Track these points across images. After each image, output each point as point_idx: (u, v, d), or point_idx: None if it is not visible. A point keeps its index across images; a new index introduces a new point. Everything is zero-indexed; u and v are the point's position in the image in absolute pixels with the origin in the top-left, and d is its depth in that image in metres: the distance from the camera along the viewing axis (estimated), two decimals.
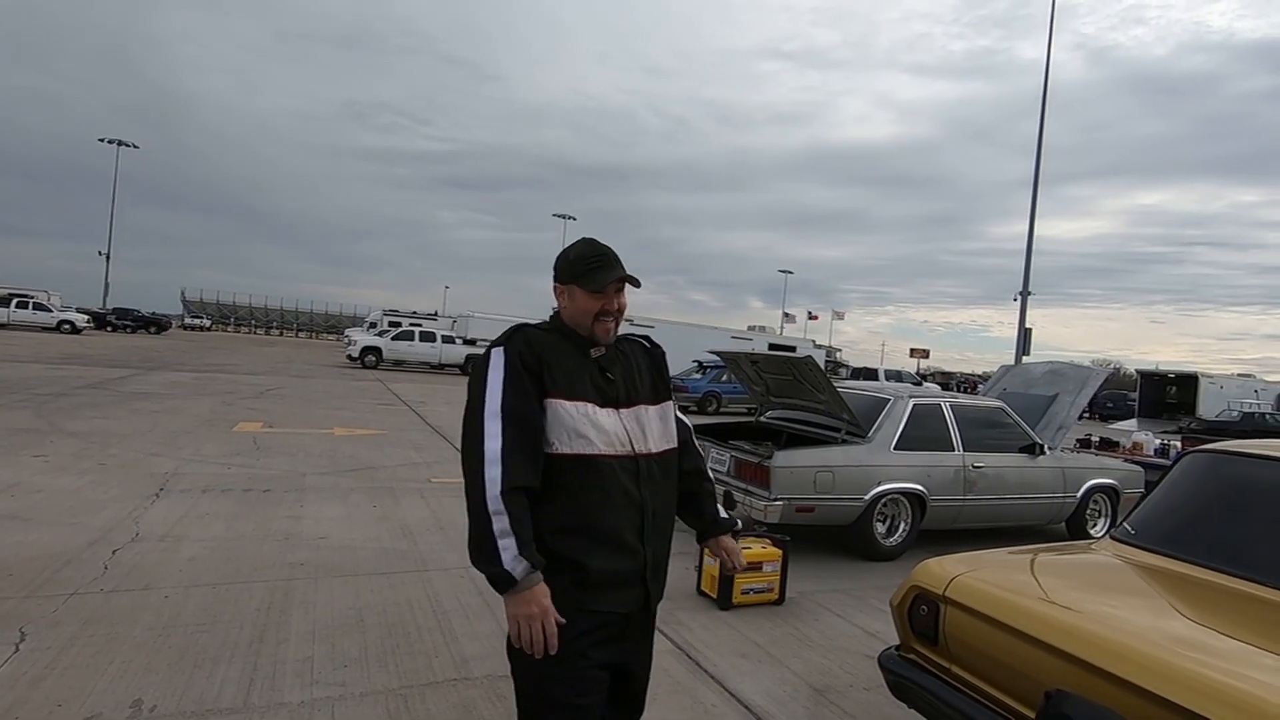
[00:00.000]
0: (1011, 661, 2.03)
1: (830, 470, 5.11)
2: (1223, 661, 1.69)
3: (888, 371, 27.46)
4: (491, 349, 1.63)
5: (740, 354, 6.31)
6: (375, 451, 8.35)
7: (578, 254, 1.70)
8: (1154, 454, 8.34)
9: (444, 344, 25.80)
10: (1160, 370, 29.93)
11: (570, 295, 1.69)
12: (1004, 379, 7.72)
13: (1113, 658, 1.75)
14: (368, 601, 3.73)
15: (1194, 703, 1.55)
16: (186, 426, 8.98)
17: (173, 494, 5.62)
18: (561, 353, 1.65)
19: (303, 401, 12.98)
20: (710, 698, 3.01)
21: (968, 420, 5.87)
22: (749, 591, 4.11)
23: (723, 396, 18.43)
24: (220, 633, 3.22)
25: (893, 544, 5.43)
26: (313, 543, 4.67)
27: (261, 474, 6.61)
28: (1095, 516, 6.46)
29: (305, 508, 5.53)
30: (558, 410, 1.59)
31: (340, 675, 2.92)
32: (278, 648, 3.12)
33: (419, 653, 3.19)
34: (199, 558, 4.19)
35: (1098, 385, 6.92)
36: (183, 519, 4.96)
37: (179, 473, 6.37)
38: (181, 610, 3.43)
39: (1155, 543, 2.50)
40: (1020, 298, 24.83)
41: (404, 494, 6.30)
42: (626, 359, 1.77)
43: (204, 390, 13.40)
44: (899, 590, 2.45)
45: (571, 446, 1.59)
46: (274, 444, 8.26)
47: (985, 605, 2.13)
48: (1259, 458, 2.57)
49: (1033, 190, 23.86)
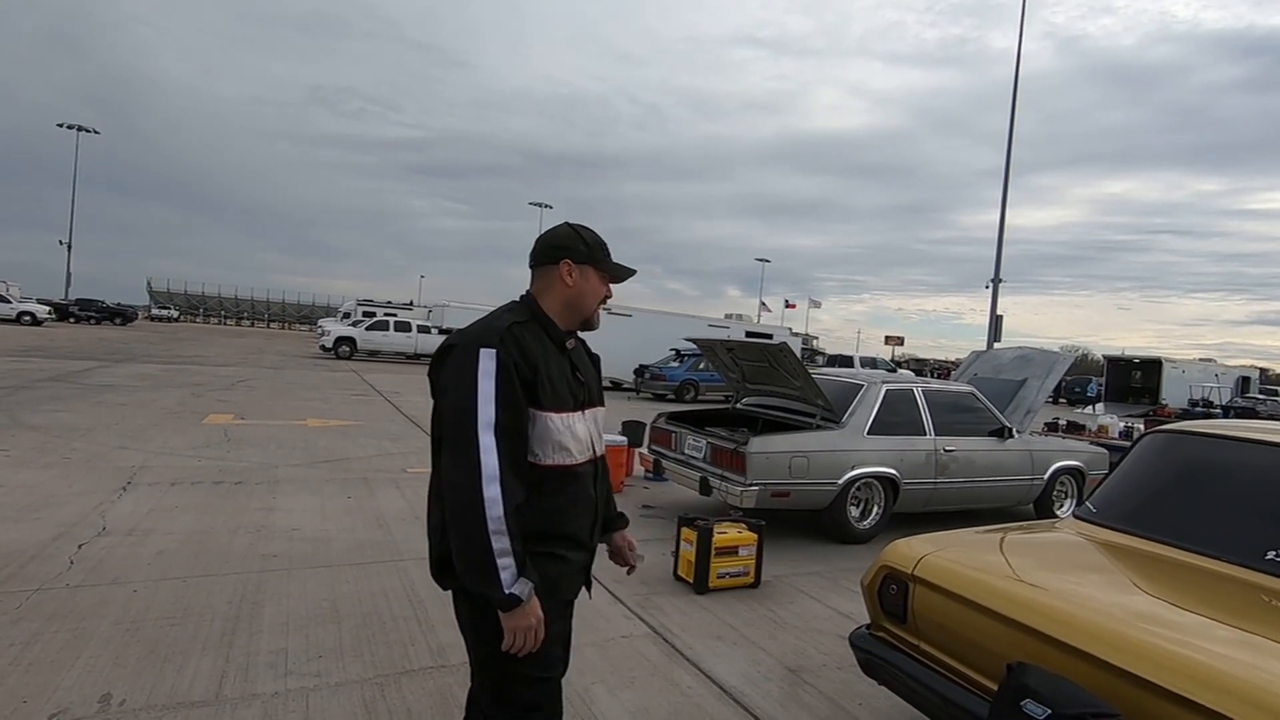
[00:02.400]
0: (976, 637, 2.08)
1: (805, 455, 5.17)
2: (1176, 633, 1.75)
3: (863, 359, 27.78)
4: (480, 348, 1.50)
5: (716, 341, 6.34)
6: (349, 442, 8.26)
7: (594, 239, 1.69)
8: (1118, 436, 8.57)
9: (420, 334, 25.53)
10: (1126, 356, 30.70)
11: (584, 276, 1.66)
12: (974, 364, 7.86)
13: (1070, 630, 1.81)
14: (342, 592, 3.71)
15: (1148, 671, 1.61)
16: (154, 419, 8.80)
17: (140, 487, 5.52)
18: (546, 355, 1.61)
19: (275, 393, 12.78)
20: (686, 680, 3.05)
21: (939, 405, 5.97)
22: (725, 575, 4.16)
23: (700, 385, 18.50)
24: (191, 626, 3.18)
25: (866, 527, 5.52)
26: (286, 534, 4.61)
27: (233, 466, 6.51)
28: (1062, 498, 6.62)
29: (278, 500, 5.47)
30: (546, 423, 1.56)
31: (315, 666, 2.91)
32: (250, 640, 3.09)
33: (395, 642, 3.18)
34: (168, 551, 4.13)
35: (1064, 370, 7.07)
36: (151, 512, 4.87)
37: (147, 466, 6.25)
38: (150, 604, 3.38)
39: (1116, 521, 2.58)
40: (992, 285, 25.24)
41: (379, 484, 6.25)
42: (583, 356, 1.79)
43: (172, 382, 13.13)
44: (869, 570, 2.50)
45: (554, 459, 1.59)
46: (245, 436, 8.13)
47: (951, 583, 2.18)
48: (1214, 437, 2.65)
49: (1004, 179, 24.21)
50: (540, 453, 1.57)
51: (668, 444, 6.08)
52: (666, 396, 17.94)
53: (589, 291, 1.67)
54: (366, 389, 14.81)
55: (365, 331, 25.10)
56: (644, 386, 18.33)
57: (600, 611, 3.64)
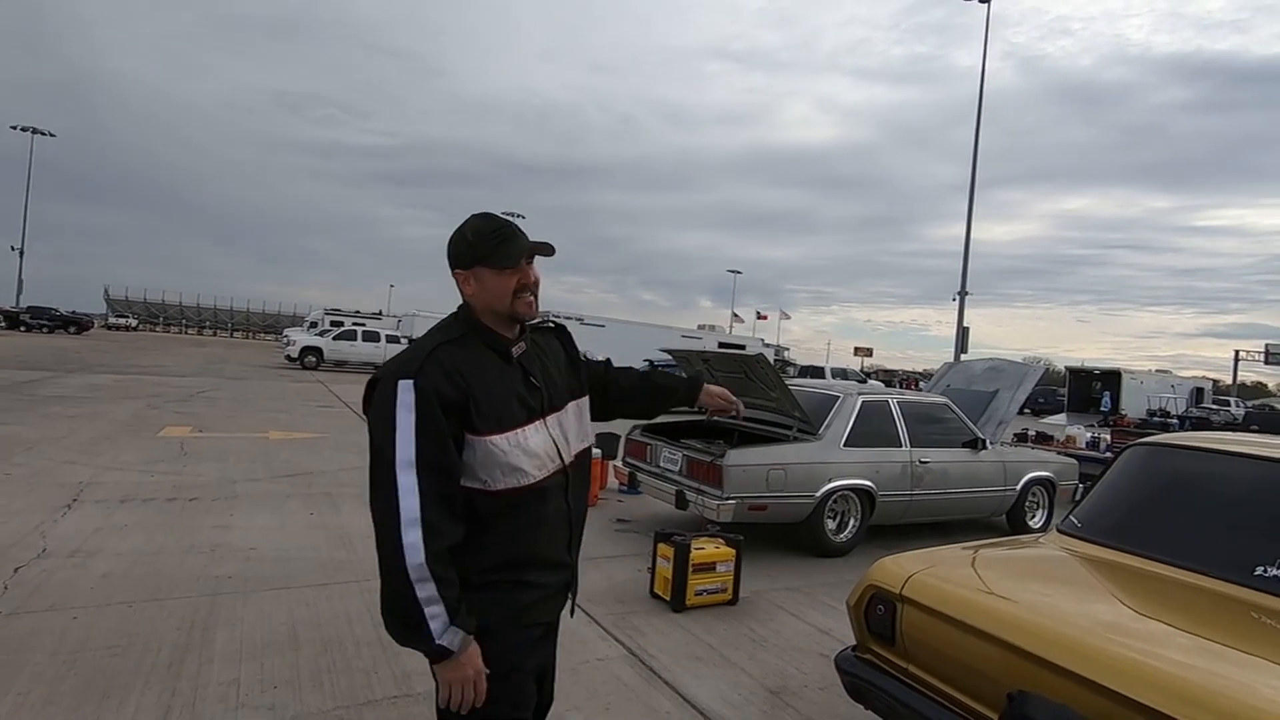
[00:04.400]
0: (970, 660, 2.00)
1: (782, 468, 5.10)
2: (1181, 656, 1.69)
3: (834, 369, 28.00)
4: (398, 380, 1.36)
5: (692, 352, 6.26)
6: (314, 456, 7.99)
7: (475, 231, 1.48)
8: (1086, 447, 8.69)
9: (389, 344, 25.04)
10: (1087, 367, 31.45)
11: (478, 279, 1.48)
12: (947, 376, 7.90)
13: (1070, 655, 1.74)
14: (302, 616, 3.51)
15: (1153, 699, 1.54)
16: (106, 432, 8.42)
17: (87, 505, 5.23)
18: (484, 372, 1.46)
19: (236, 404, 12.38)
20: (665, 705, 2.93)
21: (914, 416, 5.96)
22: (703, 592, 4.05)
23: None
24: (135, 656, 2.96)
25: (843, 540, 5.46)
26: (242, 554, 4.39)
27: (188, 481, 6.22)
28: (1034, 508, 6.66)
29: (235, 517, 5.22)
30: (489, 448, 1.41)
31: (269, 697, 2.72)
32: (200, 670, 2.89)
33: (357, 669, 3.00)
34: (113, 574, 3.88)
35: (1035, 381, 7.14)
36: (97, 532, 4.60)
37: (95, 482, 5.93)
38: (91, 632, 3.15)
39: (1102, 535, 2.53)
40: (959, 298, 25.73)
41: (344, 500, 6.02)
42: (543, 352, 1.64)
43: (127, 393, 12.63)
44: (855, 590, 2.41)
45: (505, 482, 1.44)
46: (203, 449, 7.81)
47: (942, 603, 2.10)
48: (1197, 450, 2.63)
49: (969, 194, 24.74)
50: (488, 479, 1.43)
51: (643, 456, 5.97)
52: None
53: (491, 292, 1.48)
54: (333, 400, 14.43)
55: (332, 341, 24.56)
56: None
57: (575, 633, 3.50)
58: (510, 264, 1.47)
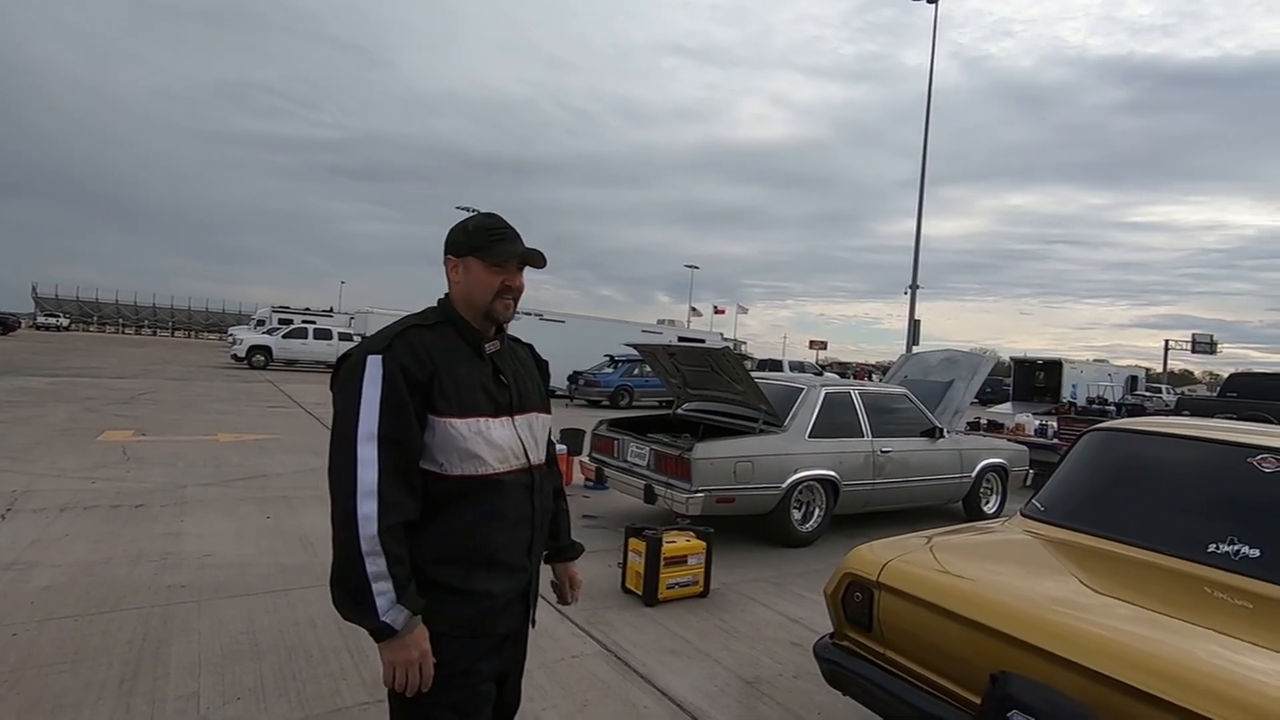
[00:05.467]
0: (947, 644, 2.05)
1: (749, 460, 5.14)
2: (1146, 631, 1.76)
3: (791, 363, 28.43)
4: (367, 355, 1.39)
5: (658, 346, 6.25)
6: (267, 458, 7.72)
7: (478, 225, 1.52)
8: (1034, 434, 9.01)
9: (341, 341, 24.41)
10: (1030, 357, 32.68)
11: (466, 269, 1.50)
12: (904, 367, 8.09)
13: (1049, 636, 1.79)
14: (263, 624, 3.38)
15: (1131, 675, 1.59)
16: (40, 437, 7.98)
17: (23, 515, 4.94)
18: (453, 358, 1.47)
19: (181, 406, 11.88)
20: (642, 699, 2.92)
21: (875, 407, 6.08)
22: (674, 586, 4.05)
23: (635, 390, 18.44)
24: (84, 672, 2.81)
25: (808, 530, 5.54)
26: (196, 561, 4.20)
27: (133, 488, 5.94)
28: (989, 494, 6.87)
29: (186, 523, 5.00)
30: (447, 430, 1.41)
31: (232, 710, 2.61)
32: (155, 684, 2.75)
33: (324, 676, 2.91)
34: (56, 586, 3.67)
35: (988, 371, 7.37)
36: (35, 543, 4.35)
37: (31, 490, 5.61)
38: (34, 649, 2.97)
39: (1065, 519, 2.62)
40: (910, 291, 26.36)
41: (301, 503, 5.84)
42: (518, 360, 1.64)
43: (61, 397, 11.99)
44: (832, 578, 2.44)
45: (462, 468, 1.43)
46: (147, 454, 7.46)
47: (919, 589, 2.14)
48: (1150, 434, 2.74)
49: (919, 190, 25.34)
50: (444, 462, 1.42)
51: (610, 451, 5.94)
52: (601, 403, 17.79)
53: (475, 284, 1.50)
54: (285, 400, 13.98)
55: (282, 339, 23.78)
56: (578, 393, 18.13)
57: (548, 631, 3.46)
58: (499, 261, 1.50)
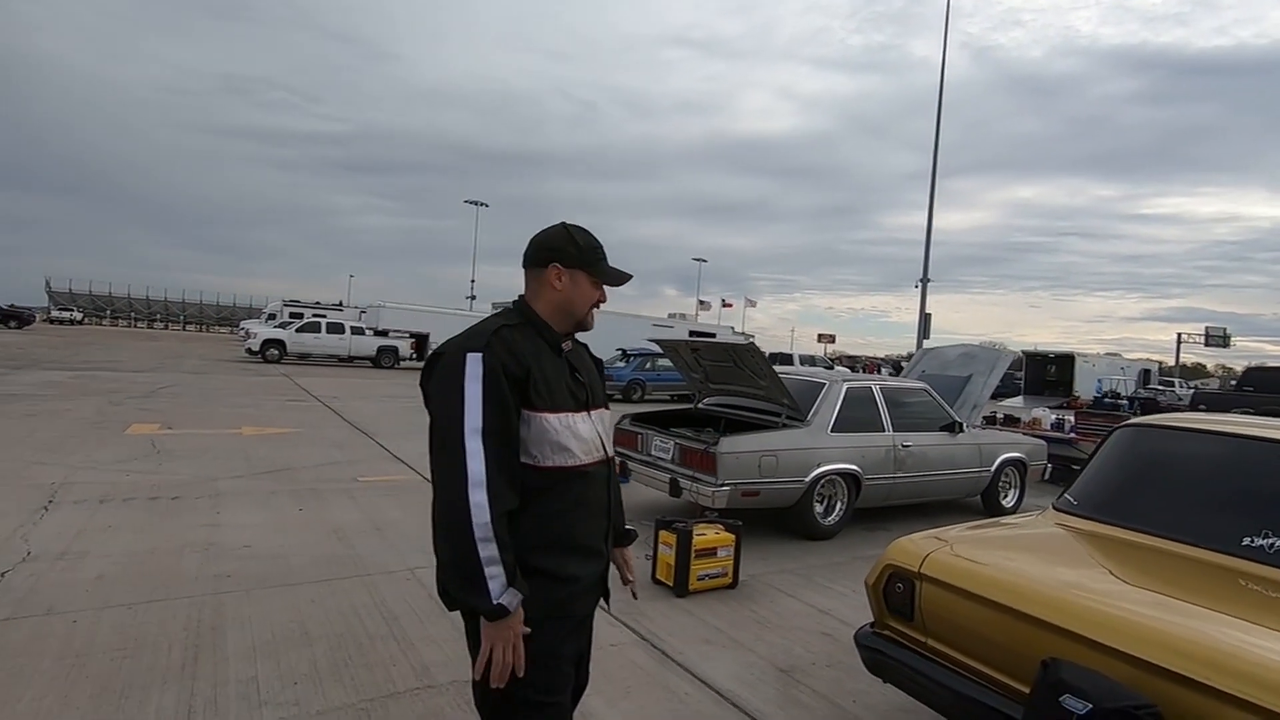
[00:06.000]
0: (989, 632, 2.12)
1: (774, 454, 5.22)
2: (1193, 621, 1.83)
3: (802, 357, 28.44)
4: (466, 353, 1.48)
5: (679, 342, 6.33)
6: (291, 451, 7.85)
7: (586, 242, 1.63)
8: (1051, 428, 9.05)
9: (354, 335, 24.60)
10: (1041, 351, 32.55)
11: (574, 280, 1.62)
12: (922, 361, 8.14)
13: (1089, 624, 1.86)
14: (309, 612, 3.49)
15: (1181, 665, 1.66)
16: (70, 431, 8.13)
17: (65, 506, 5.07)
18: (540, 356, 1.57)
19: (202, 399, 12.04)
20: (682, 686, 3.01)
21: (895, 402, 6.14)
22: (704, 577, 4.14)
23: (647, 384, 18.53)
24: (146, 657, 2.92)
25: (831, 523, 5.61)
26: (237, 552, 4.32)
27: (167, 480, 6.07)
28: (1007, 488, 6.93)
29: (223, 514, 5.12)
30: (542, 424, 1.52)
31: (292, 693, 2.72)
32: (216, 669, 2.87)
33: (375, 663, 3.01)
34: (108, 575, 3.79)
35: (1007, 365, 7.40)
36: (81, 533, 4.48)
37: (69, 482, 5.75)
38: (95, 636, 3.09)
39: (1096, 511, 2.68)
40: (921, 284, 26.30)
41: (330, 495, 5.95)
42: (583, 358, 1.75)
43: (85, 390, 12.18)
44: (873, 569, 2.51)
45: (553, 460, 1.54)
46: (176, 447, 7.60)
47: (961, 580, 2.22)
48: (1181, 430, 2.80)
49: (931, 182, 25.25)
50: (538, 454, 1.53)
51: (633, 446, 6.02)
52: (614, 396, 17.88)
53: (579, 296, 1.63)
54: (302, 394, 14.14)
55: (295, 333, 23.95)
56: None
57: None
58: (606, 280, 1.65)
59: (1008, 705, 1.99)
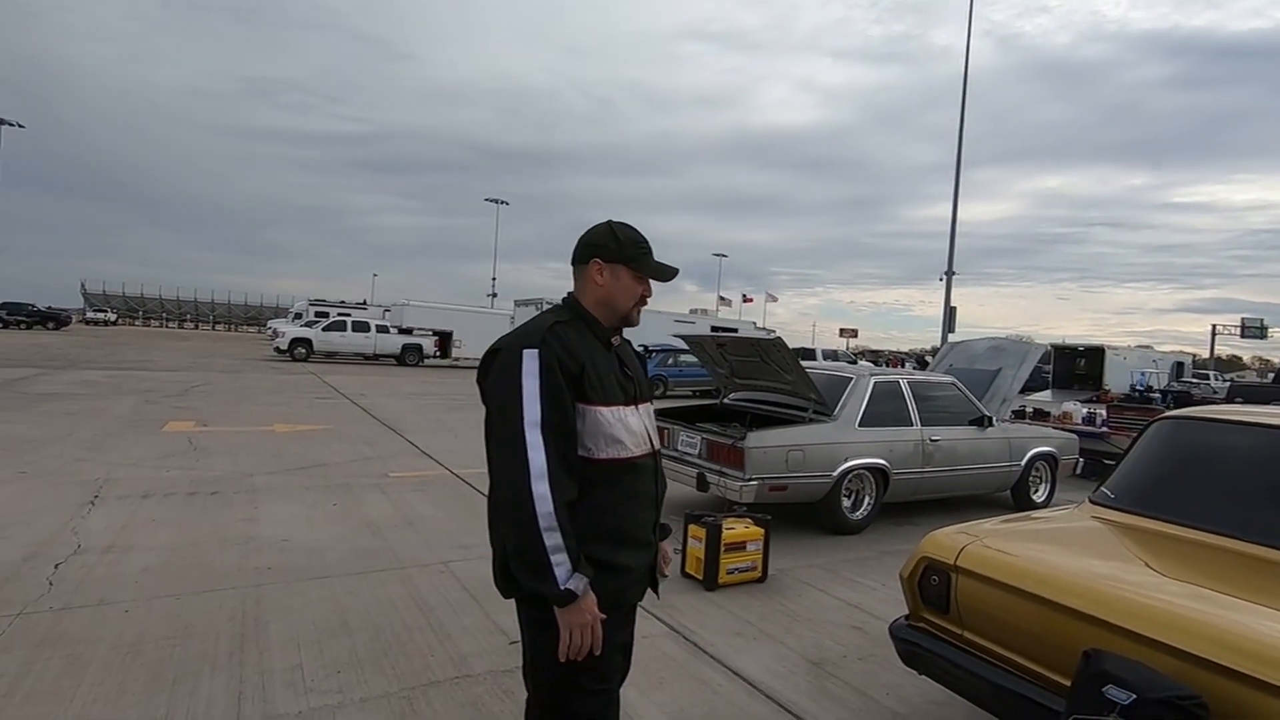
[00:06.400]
0: (1027, 624, 2.12)
1: (801, 449, 5.22)
2: (1242, 617, 1.81)
3: (824, 351, 28.25)
4: (523, 350, 1.52)
5: (705, 337, 6.34)
6: (323, 448, 8.00)
7: (627, 236, 1.67)
8: (1082, 422, 8.90)
9: (379, 334, 24.94)
10: (1070, 344, 31.97)
11: (615, 275, 1.65)
12: (950, 355, 8.06)
13: (1130, 615, 1.86)
14: (348, 604, 3.58)
15: (1225, 657, 1.66)
16: (109, 428, 8.36)
17: (109, 501, 5.23)
18: (593, 352, 1.61)
19: (234, 398, 12.30)
20: (715, 677, 3.04)
21: (923, 396, 6.09)
22: (734, 571, 4.16)
23: (669, 380, 18.55)
24: (195, 645, 3.02)
25: (858, 518, 5.60)
26: (276, 545, 4.43)
27: (205, 475, 6.23)
28: (1037, 483, 6.84)
29: (260, 509, 5.25)
30: (596, 417, 1.57)
31: (335, 682, 2.79)
32: (262, 657, 2.95)
33: (414, 653, 3.08)
34: (153, 568, 3.91)
35: (1037, 359, 7.31)
36: (126, 527, 4.62)
37: (112, 478, 5.92)
38: (147, 625, 3.19)
39: (1134, 504, 2.66)
40: (946, 278, 25.94)
41: (362, 490, 6.06)
42: (629, 353, 1.80)
43: (121, 389, 12.50)
44: (908, 562, 2.52)
45: (607, 452, 1.59)
46: (211, 444, 7.79)
47: (998, 572, 2.21)
48: (1221, 422, 2.76)
49: (955, 173, 24.88)
50: (593, 447, 1.57)
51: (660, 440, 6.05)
52: None
53: (621, 291, 1.66)
54: (330, 391, 14.37)
55: (322, 332, 24.36)
56: None
57: None
58: (648, 274, 1.67)
59: (1046, 697, 1.99)
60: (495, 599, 3.60)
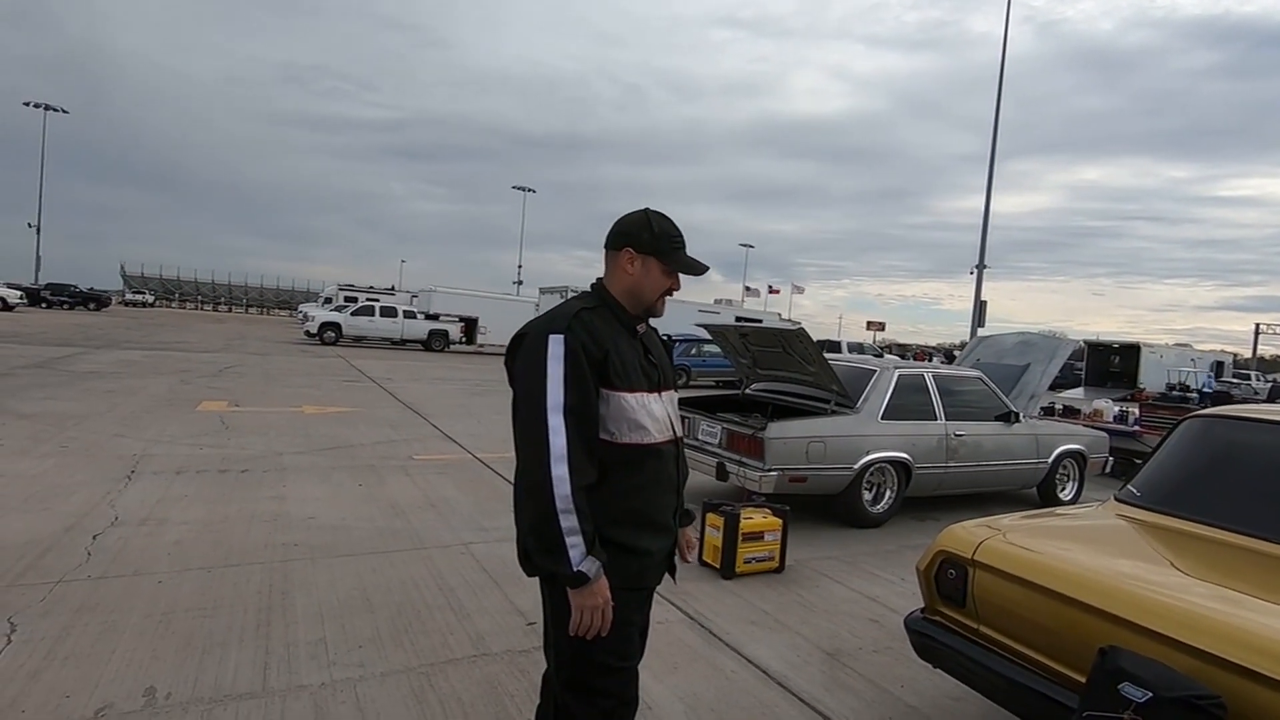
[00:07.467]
0: (1043, 620, 2.10)
1: (822, 441, 5.19)
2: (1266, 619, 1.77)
3: (850, 344, 27.96)
4: (549, 334, 1.55)
5: (728, 327, 6.32)
6: (350, 429, 8.15)
7: (661, 229, 1.67)
8: (1113, 420, 8.71)
9: (406, 319, 25.25)
10: (1105, 341, 31.22)
11: (645, 266, 1.67)
12: (977, 349, 7.93)
13: (1150, 614, 1.83)
14: (371, 581, 3.66)
15: (1243, 657, 1.62)
16: (146, 406, 8.61)
17: (145, 476, 5.40)
18: (617, 338, 1.64)
19: (266, 379, 12.57)
20: (729, 664, 3.06)
21: (948, 390, 6.01)
22: (751, 560, 4.17)
23: (691, 370, 18.53)
24: (224, 617, 3.12)
25: (879, 511, 5.56)
26: (302, 523, 4.54)
27: (236, 454, 6.40)
28: (1065, 480, 6.73)
29: (288, 488, 5.38)
30: (620, 402, 1.59)
31: (357, 656, 2.87)
32: (287, 630, 3.04)
33: (433, 631, 3.14)
34: (185, 541, 4.04)
35: (1067, 355, 7.16)
36: (160, 502, 4.77)
37: (148, 454, 6.11)
38: (178, 596, 3.31)
39: (1161, 503, 2.61)
40: (977, 271, 25.49)
41: (387, 472, 6.18)
42: (654, 340, 1.81)
43: (158, 369, 12.85)
44: (925, 555, 2.50)
45: (630, 437, 1.61)
46: (243, 423, 7.99)
47: (1017, 568, 2.19)
48: (1255, 421, 2.69)
49: (989, 165, 24.36)
50: (616, 431, 1.60)
51: None
52: None
53: (649, 283, 1.68)
54: (358, 375, 14.62)
55: (350, 317, 24.73)
56: None
57: None
58: (677, 268, 1.69)
59: (1061, 692, 1.97)
60: (514, 581, 3.67)
